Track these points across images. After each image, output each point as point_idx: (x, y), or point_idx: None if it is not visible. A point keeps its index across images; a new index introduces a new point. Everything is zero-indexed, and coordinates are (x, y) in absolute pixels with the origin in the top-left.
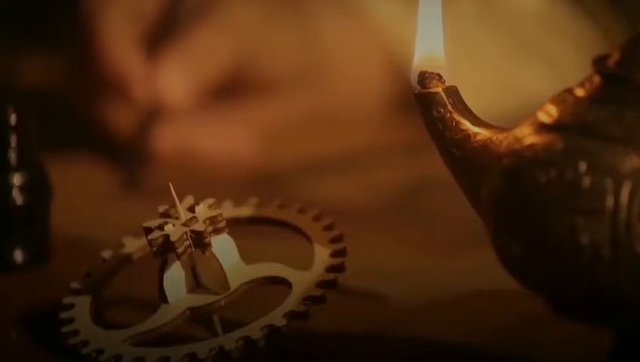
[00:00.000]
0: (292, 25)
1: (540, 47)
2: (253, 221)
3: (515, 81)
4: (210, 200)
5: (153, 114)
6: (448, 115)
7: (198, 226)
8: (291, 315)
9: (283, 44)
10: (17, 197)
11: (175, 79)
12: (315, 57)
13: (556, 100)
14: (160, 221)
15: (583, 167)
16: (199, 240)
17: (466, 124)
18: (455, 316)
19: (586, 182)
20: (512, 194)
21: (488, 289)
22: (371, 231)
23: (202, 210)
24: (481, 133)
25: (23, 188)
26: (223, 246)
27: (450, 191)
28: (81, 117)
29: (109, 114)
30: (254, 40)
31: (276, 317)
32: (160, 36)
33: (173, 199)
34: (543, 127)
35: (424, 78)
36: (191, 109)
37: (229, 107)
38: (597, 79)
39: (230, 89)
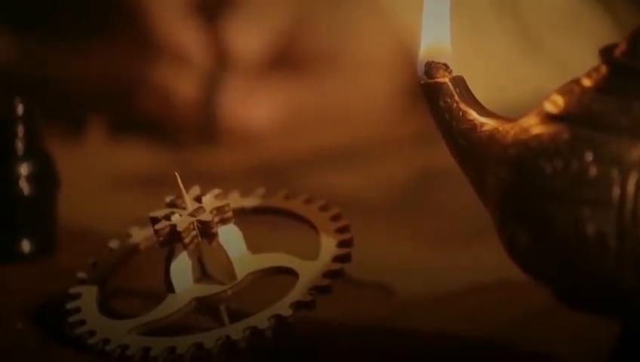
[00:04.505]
0: (322, 12)
1: (551, 38)
2: (259, 211)
3: (523, 72)
4: (217, 191)
5: (218, 82)
6: (455, 105)
7: (205, 216)
8: (298, 305)
9: (314, 26)
10: (24, 188)
11: (241, 41)
12: (324, 49)
13: (563, 90)
14: (167, 211)
15: (589, 157)
16: (206, 231)
17: (473, 115)
18: (459, 309)
19: (592, 172)
20: (518, 185)
21: (492, 283)
22: (377, 224)
23: (209, 200)
24: (488, 124)
25: (29, 179)
26: (229, 236)
27: (457, 184)
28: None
29: (176, 90)
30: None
31: (283, 307)
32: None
33: (180, 189)
34: (549, 118)
35: (431, 68)
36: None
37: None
38: (604, 69)
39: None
